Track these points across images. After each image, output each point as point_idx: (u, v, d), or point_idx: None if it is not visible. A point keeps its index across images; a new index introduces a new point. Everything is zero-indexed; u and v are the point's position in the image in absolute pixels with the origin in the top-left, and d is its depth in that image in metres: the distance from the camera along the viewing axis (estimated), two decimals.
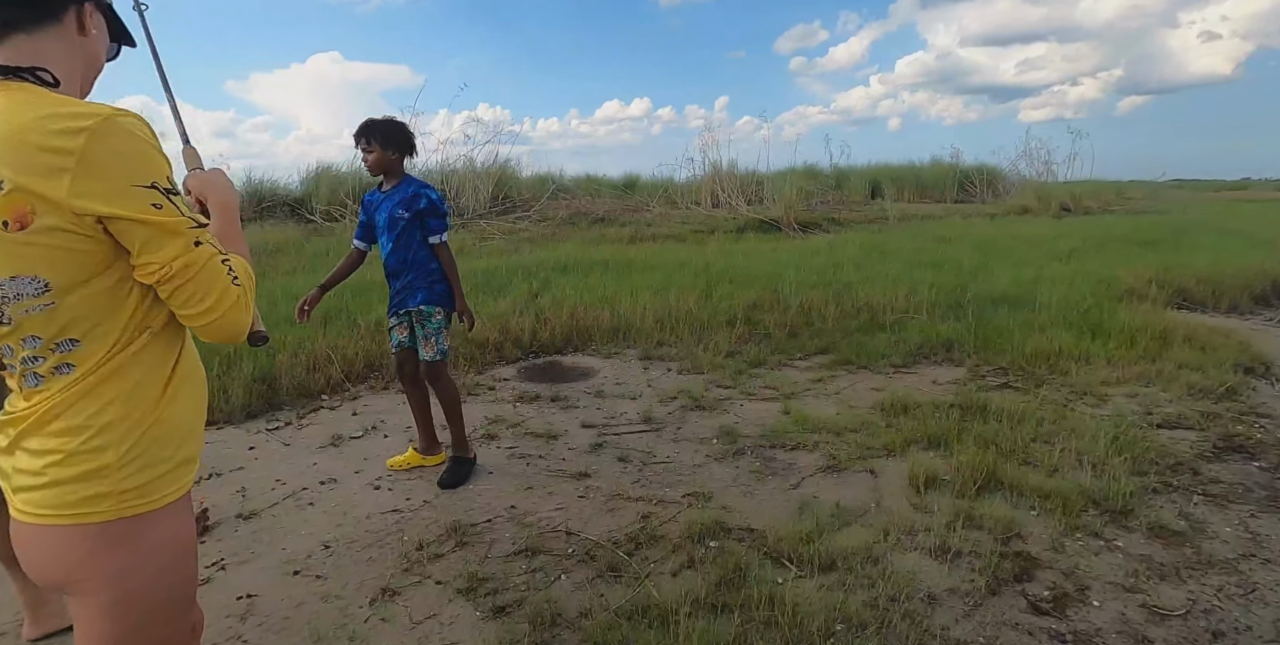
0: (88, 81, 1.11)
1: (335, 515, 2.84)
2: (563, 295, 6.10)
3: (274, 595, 2.33)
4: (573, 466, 3.17)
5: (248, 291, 1.08)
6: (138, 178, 0.95)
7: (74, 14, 1.03)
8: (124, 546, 1.05)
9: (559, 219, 10.76)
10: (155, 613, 1.10)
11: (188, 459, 1.13)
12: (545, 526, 2.65)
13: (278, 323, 5.29)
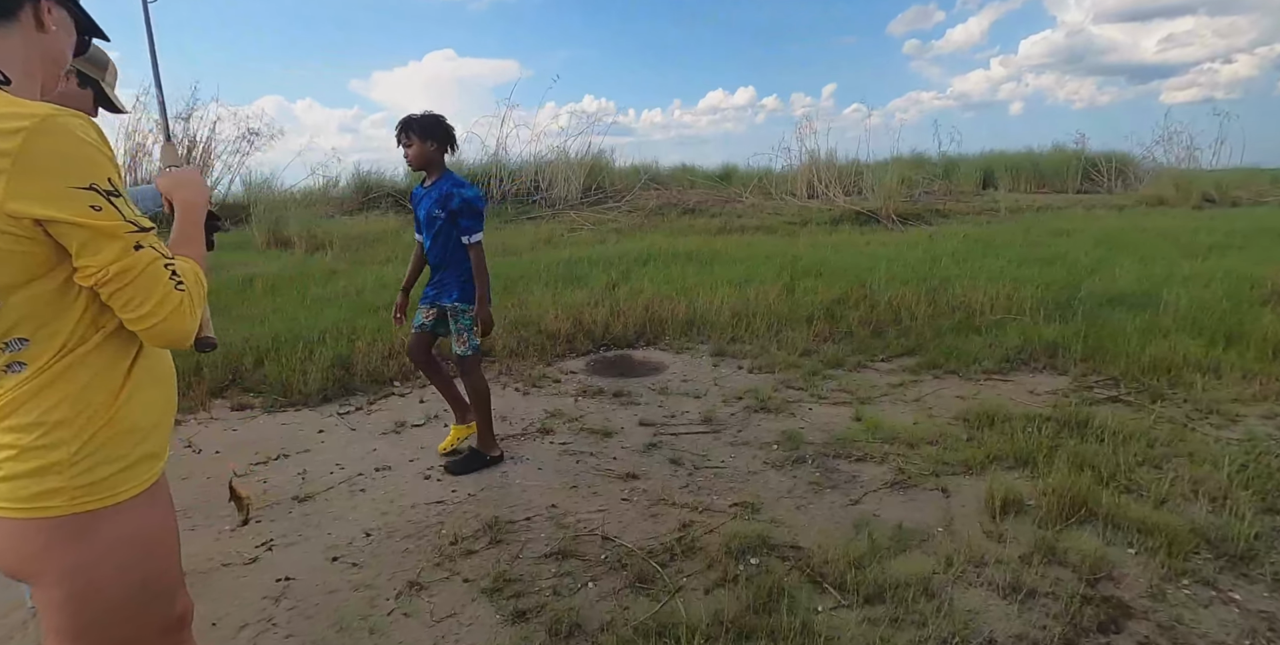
0: (51, 77, 1.10)
1: (383, 503, 2.87)
2: (640, 287, 6.00)
3: (311, 580, 2.36)
4: (622, 466, 3.06)
5: (193, 296, 1.04)
6: (76, 179, 0.92)
7: (30, 11, 1.02)
8: (80, 541, 1.04)
9: (649, 209, 10.68)
10: (116, 609, 1.09)
11: (149, 455, 1.11)
12: (582, 529, 2.56)
13: (363, 312, 5.50)
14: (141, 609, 1.13)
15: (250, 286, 6.42)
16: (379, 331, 4.85)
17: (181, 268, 1.04)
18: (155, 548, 1.13)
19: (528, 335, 4.91)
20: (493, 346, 4.75)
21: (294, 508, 2.88)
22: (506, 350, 4.72)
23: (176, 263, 1.04)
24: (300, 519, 2.79)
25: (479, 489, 2.94)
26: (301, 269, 7.11)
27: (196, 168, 1.26)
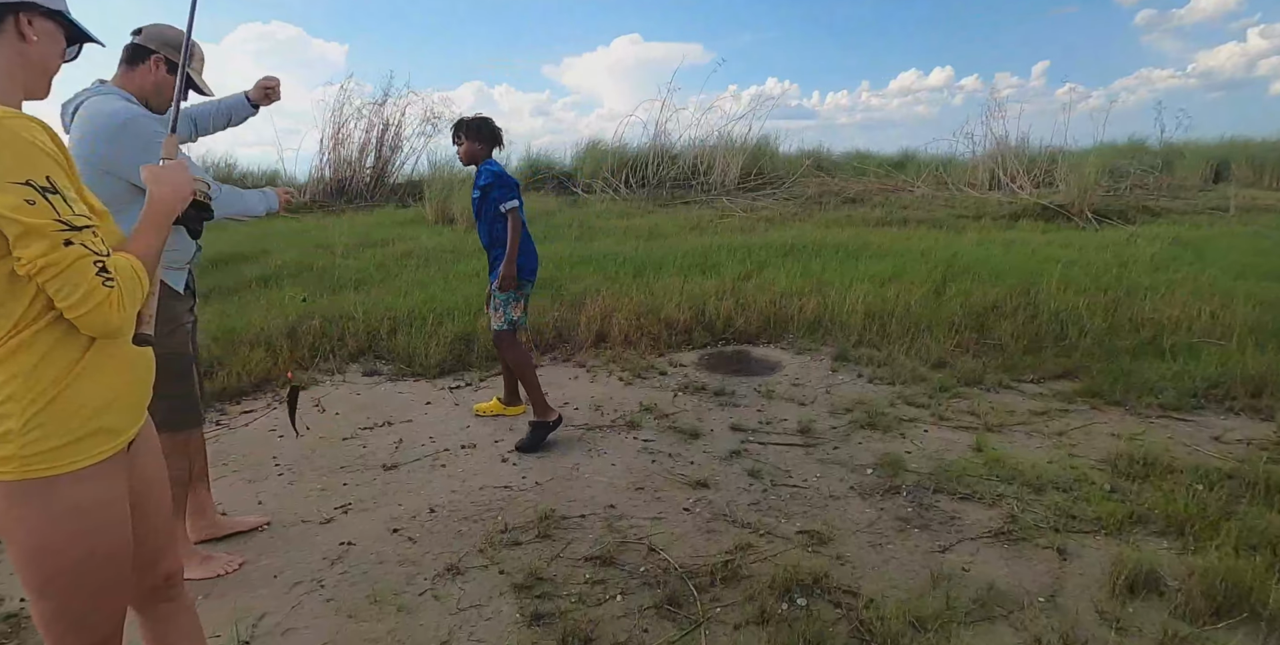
0: (37, 81, 1.16)
1: (455, 481, 2.93)
2: (773, 279, 5.69)
3: (367, 548, 2.45)
4: (696, 473, 2.89)
5: (124, 292, 1.07)
6: (14, 175, 0.97)
7: (12, 23, 1.09)
8: (31, 505, 1.10)
9: (806, 197, 10.14)
10: (70, 570, 1.15)
11: (101, 430, 1.14)
12: (632, 535, 2.43)
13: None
14: (96, 572, 1.18)
15: (407, 259, 6.92)
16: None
17: (116, 263, 1.07)
18: (106, 518, 1.17)
19: (646, 323, 4.82)
20: (608, 333, 4.73)
21: (379, 475, 3.03)
22: (621, 336, 4.67)
23: (112, 259, 1.07)
24: (381, 487, 2.92)
25: (547, 479, 2.91)
26: (456, 245, 7.54)
27: (181, 163, 1.27)
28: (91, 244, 1.04)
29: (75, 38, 1.20)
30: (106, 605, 1.22)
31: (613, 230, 8.36)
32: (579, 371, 4.29)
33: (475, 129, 3.18)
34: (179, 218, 1.29)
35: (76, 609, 1.19)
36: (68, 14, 1.16)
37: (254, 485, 2.99)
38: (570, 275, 6.02)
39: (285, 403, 2.63)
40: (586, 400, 3.78)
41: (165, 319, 2.11)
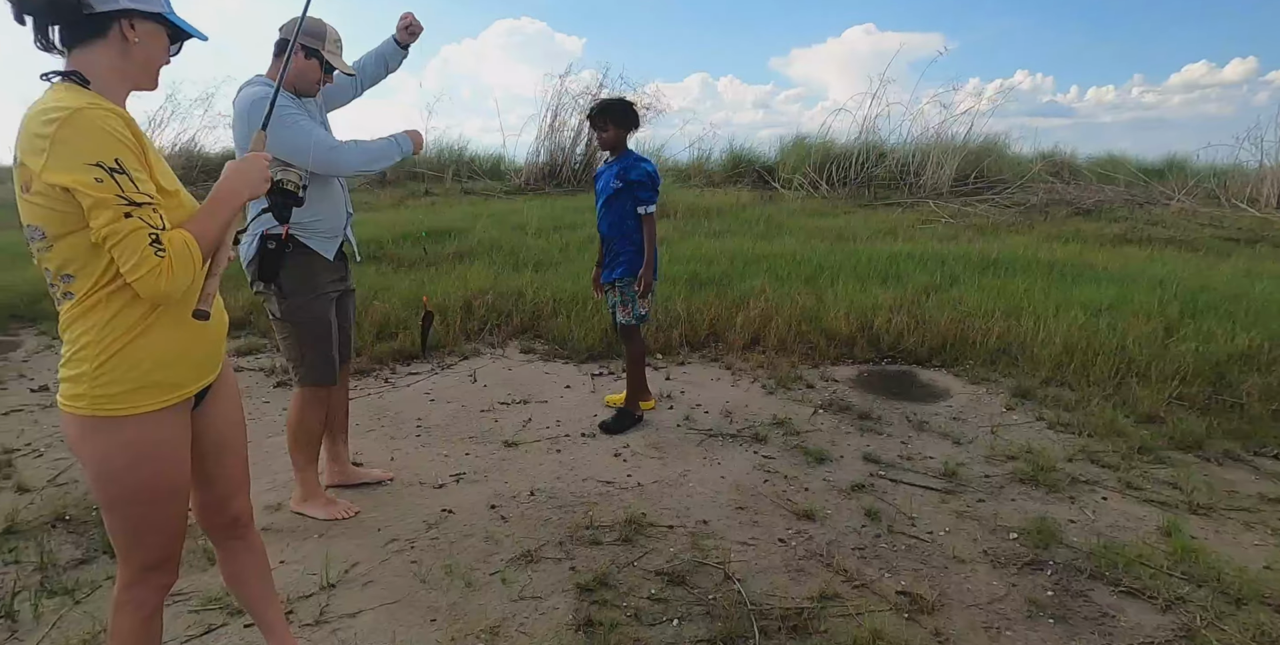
0: (142, 76, 1.30)
1: (564, 468, 2.95)
2: (960, 296, 5.08)
3: (463, 519, 2.55)
4: (807, 501, 2.64)
5: (174, 262, 1.17)
6: (88, 157, 1.10)
7: (116, 29, 1.22)
8: (98, 439, 1.25)
9: (1030, 205, 8.90)
10: (128, 497, 1.30)
11: (161, 383, 1.26)
12: (713, 558, 2.28)
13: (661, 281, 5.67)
14: (149, 502, 1.33)
15: (589, 244, 7.16)
16: (662, 303, 4.97)
17: (170, 237, 1.18)
18: (160, 459, 1.31)
19: (806, 331, 4.54)
20: (763, 337, 4.52)
21: (499, 451, 3.15)
22: (776, 342, 4.44)
23: (167, 233, 1.17)
24: (497, 462, 3.03)
25: (651, 481, 2.83)
26: None
27: (257, 157, 1.35)
28: (148, 218, 1.15)
29: (178, 35, 1.32)
30: (159, 531, 1.36)
31: (799, 229, 7.99)
32: (723, 374, 4.15)
33: (623, 115, 3.11)
34: (268, 204, 1.41)
35: (133, 528, 1.34)
36: (167, 15, 1.28)
37: (393, 442, 3.25)
38: (740, 273, 5.84)
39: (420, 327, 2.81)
40: (719, 405, 3.63)
41: (306, 287, 2.33)
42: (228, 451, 1.50)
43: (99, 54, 1.23)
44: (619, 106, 3.13)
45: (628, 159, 3.14)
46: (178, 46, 1.35)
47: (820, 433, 3.29)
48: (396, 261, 6.65)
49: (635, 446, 3.16)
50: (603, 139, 3.18)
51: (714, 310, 4.86)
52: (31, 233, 1.18)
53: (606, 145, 3.19)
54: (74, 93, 1.17)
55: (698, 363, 4.35)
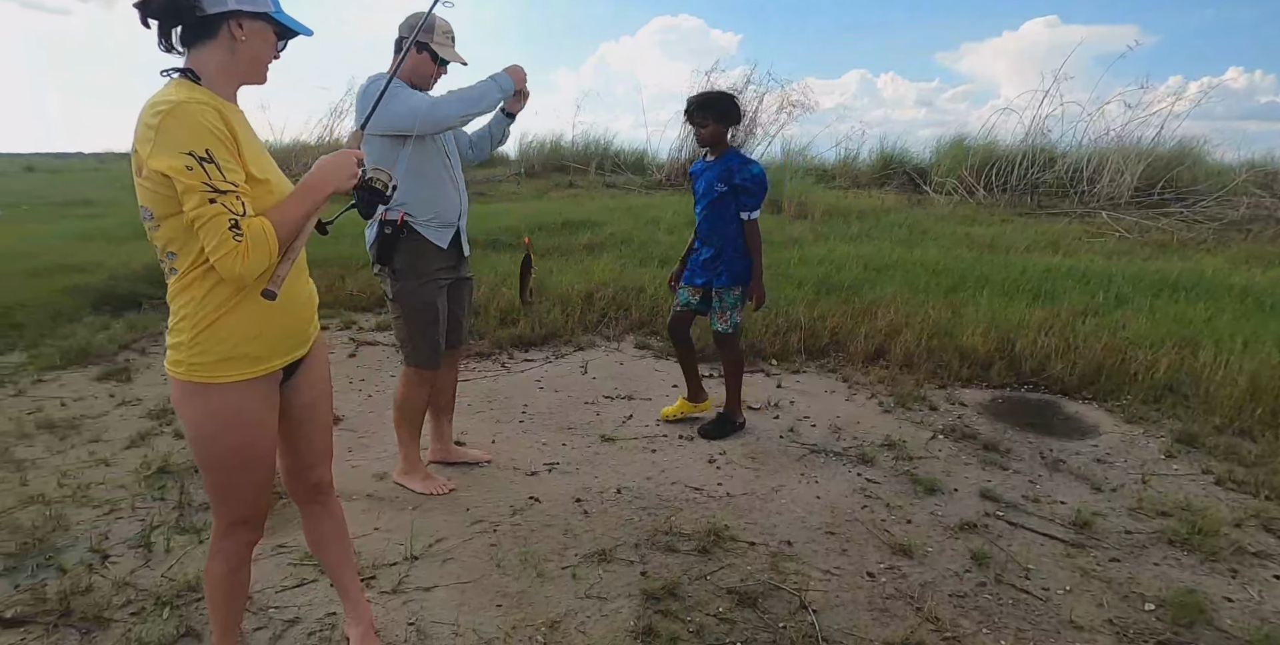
0: (251, 72, 1.39)
1: (655, 469, 2.92)
2: (1124, 321, 4.50)
3: (547, 509, 2.59)
4: (907, 536, 2.43)
5: (250, 246, 1.24)
6: (184, 146, 1.20)
7: (226, 29, 1.31)
8: (191, 402, 1.37)
9: (1228, 221, 7.69)
10: (215, 457, 1.42)
11: (247, 357, 1.36)
12: (791, 584, 2.15)
13: (784, 284, 5.48)
14: (233, 464, 1.43)
15: None
16: (784, 307, 4.80)
17: (249, 223, 1.25)
18: (244, 426, 1.41)
19: (937, 346, 4.21)
20: (888, 350, 4.24)
21: (595, 444, 3.17)
22: (902, 357, 4.15)
23: (246, 219, 1.24)
24: (591, 455, 3.05)
25: (741, 492, 2.73)
26: (770, 235, 7.46)
27: (347, 153, 1.42)
28: (230, 205, 1.23)
29: (285, 32, 1.40)
30: (244, 492, 1.47)
31: (946, 236, 7.45)
32: (839, 386, 3.94)
33: (725, 110, 2.93)
34: (355, 199, 1.47)
35: (222, 487, 1.46)
36: (274, 14, 1.36)
37: (497, 426, 3.36)
38: (872, 280, 5.53)
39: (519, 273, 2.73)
40: (829, 419, 3.44)
41: (416, 272, 2.44)
42: (313, 423, 1.59)
43: (210, 53, 1.33)
44: (721, 100, 2.95)
45: (732, 160, 2.97)
46: (284, 43, 1.43)
47: (935, 460, 3.03)
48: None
49: (732, 454, 3.07)
50: (701, 135, 2.98)
51: (838, 318, 4.63)
52: (143, 213, 1.30)
53: (705, 142, 3.00)
54: (183, 88, 1.27)
55: (814, 372, 4.16)
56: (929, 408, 3.60)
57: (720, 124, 2.93)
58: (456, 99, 2.30)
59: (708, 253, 3.09)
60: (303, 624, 1.94)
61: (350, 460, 3.00)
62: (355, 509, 2.57)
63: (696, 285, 3.16)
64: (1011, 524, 2.53)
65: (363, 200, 1.48)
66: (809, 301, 4.97)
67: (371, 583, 2.12)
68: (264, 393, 1.42)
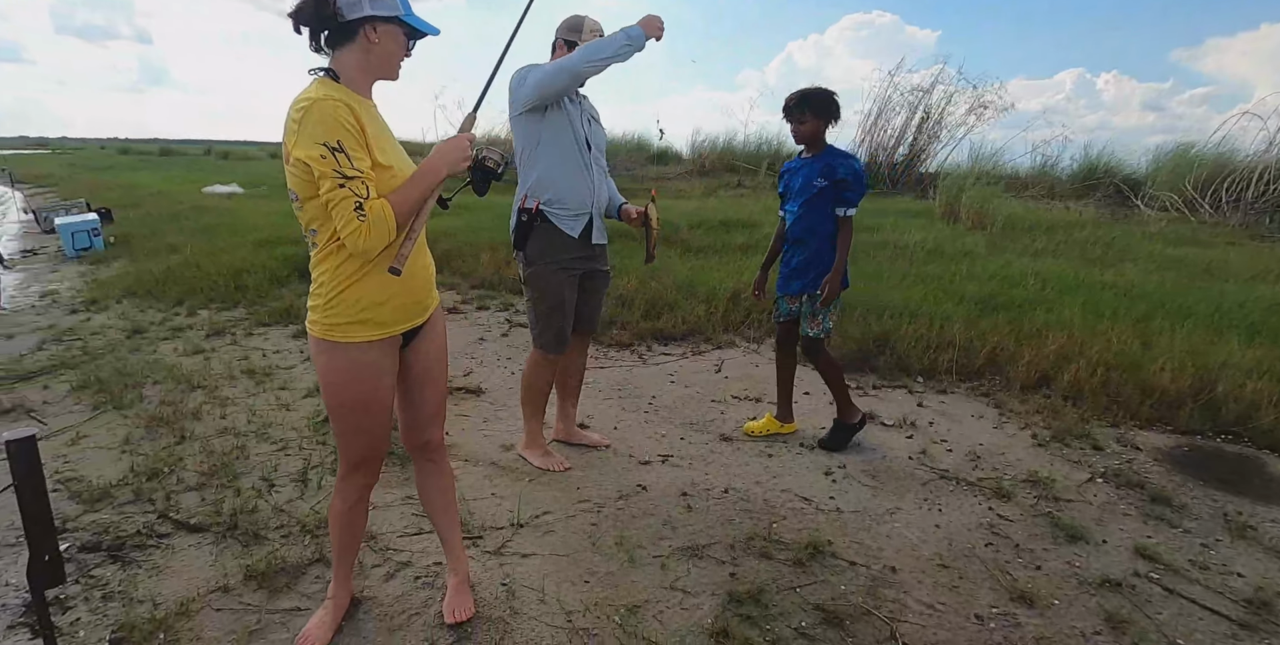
0: (384, 69, 1.57)
1: (767, 474, 2.88)
2: None
3: (652, 498, 2.65)
4: (1032, 583, 2.20)
5: (371, 225, 1.41)
6: (319, 138, 1.38)
7: (363, 33, 1.48)
8: (324, 355, 1.58)
9: None
10: (340, 406, 1.63)
11: (370, 321, 1.56)
12: (885, 612, 2.03)
13: (949, 298, 5.12)
14: (353, 412, 1.63)
15: (879, 250, 6.74)
16: (940, 320, 4.50)
17: (372, 205, 1.41)
18: (364, 380, 1.60)
19: (1114, 380, 3.74)
20: (1054, 378, 3.84)
21: (713, 442, 3.18)
22: (1068, 385, 3.73)
23: (369, 201, 1.41)
24: (706, 452, 3.07)
25: (853, 510, 2.61)
26: (940, 244, 6.97)
27: (462, 137, 1.55)
28: (356, 189, 1.39)
29: (415, 33, 1.55)
30: (362, 438, 1.66)
31: (1149, 257, 6.54)
32: (988, 412, 3.63)
33: (824, 106, 2.82)
34: (470, 179, 1.60)
35: (344, 433, 1.66)
36: (404, 17, 1.50)
37: (622, 414, 3.47)
38: (1047, 300, 5.01)
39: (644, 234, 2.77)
40: (968, 446, 3.19)
41: (547, 258, 2.57)
42: (428, 386, 1.76)
43: (348, 54, 1.51)
44: (820, 95, 2.85)
45: (832, 155, 2.86)
46: (414, 42, 1.58)
47: (1087, 506, 2.70)
48: (684, 247, 6.99)
49: (852, 469, 2.94)
50: (799, 132, 2.88)
51: (999, 338, 4.25)
52: (291, 195, 1.50)
53: (803, 138, 2.90)
54: (322, 86, 1.45)
55: (962, 395, 3.86)
56: (1092, 446, 3.22)
57: (818, 118, 2.84)
58: (584, 51, 2.33)
59: (800, 256, 2.98)
60: (413, 568, 2.14)
61: (484, 430, 3.24)
62: (478, 473, 2.79)
63: (793, 294, 3.05)
64: (1167, 590, 2.20)
65: (476, 179, 1.61)
66: (969, 319, 4.60)
67: (478, 542, 2.29)
68: (383, 353, 1.59)
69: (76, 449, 2.96)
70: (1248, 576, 2.28)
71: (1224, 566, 2.34)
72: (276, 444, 2.97)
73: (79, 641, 1.83)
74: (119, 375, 3.79)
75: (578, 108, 2.54)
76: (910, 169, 12.17)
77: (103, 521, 2.40)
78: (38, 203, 13.69)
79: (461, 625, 1.88)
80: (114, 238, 8.42)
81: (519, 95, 2.04)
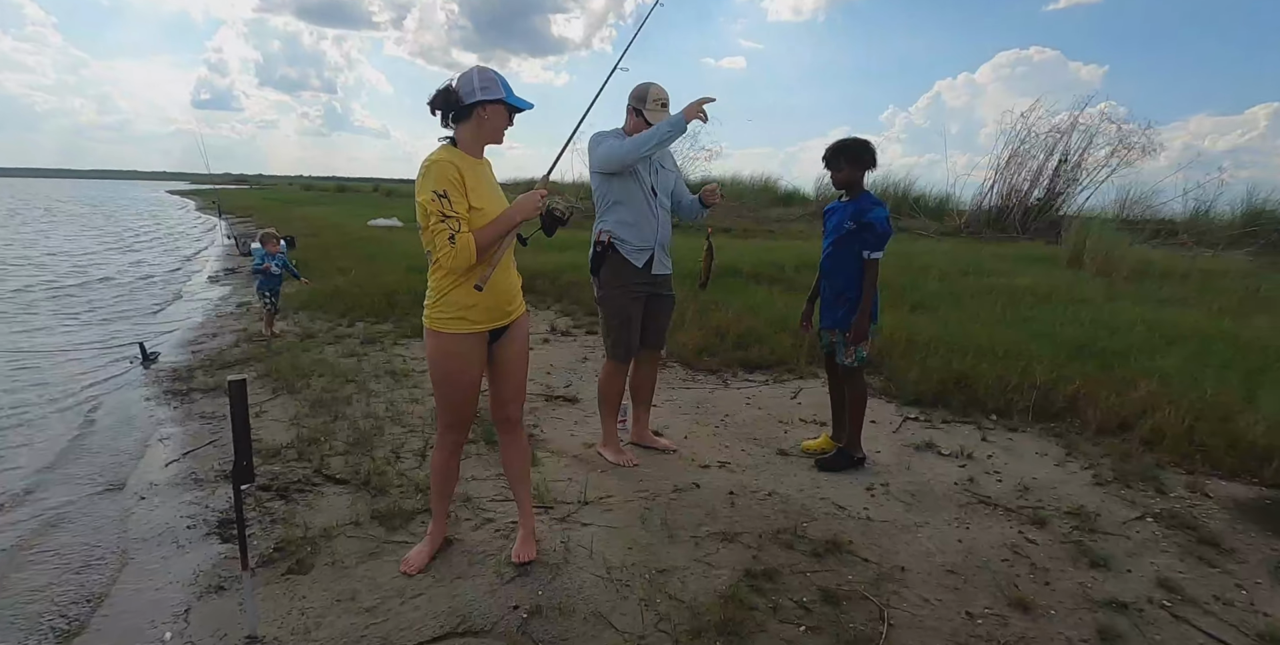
0: (492, 138, 2.15)
1: (812, 484, 3.17)
2: None
3: (703, 494, 3.04)
4: (1034, 594, 2.37)
5: (459, 252, 1.99)
6: (432, 187, 1.98)
7: (477, 112, 2.07)
8: (431, 341, 2.18)
9: None
10: (437, 381, 2.22)
11: (462, 319, 2.14)
12: (881, 599, 2.30)
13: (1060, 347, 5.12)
14: (446, 386, 2.20)
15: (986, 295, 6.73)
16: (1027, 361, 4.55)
17: (460, 237, 1.98)
18: (449, 362, 2.17)
19: (1203, 431, 3.66)
20: (1134, 424, 3.82)
21: (771, 456, 3.52)
22: (1150, 431, 3.71)
23: (459, 234, 1.97)
24: (761, 462, 3.42)
25: (882, 520, 2.86)
26: (1054, 289, 6.84)
27: (535, 193, 2.12)
28: (451, 224, 1.97)
29: (515, 109, 2.12)
30: (452, 404, 2.24)
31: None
32: (1055, 451, 3.67)
33: (858, 155, 3.12)
34: (541, 223, 2.15)
35: (440, 400, 2.25)
36: (507, 99, 2.07)
37: (694, 427, 3.88)
38: (1152, 348, 4.89)
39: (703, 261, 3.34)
40: (1019, 479, 3.30)
41: (615, 283, 3.09)
42: (509, 374, 2.30)
43: (466, 128, 2.11)
44: (855, 146, 3.13)
45: (865, 201, 3.15)
46: (515, 115, 2.15)
47: (1124, 540, 2.78)
48: (786, 285, 7.31)
49: (894, 487, 3.17)
50: (837, 178, 3.20)
51: (1083, 383, 4.25)
52: (418, 226, 2.09)
53: (841, 185, 3.22)
54: (443, 151, 2.06)
55: (1033, 434, 3.93)
56: (1155, 489, 3.24)
57: (854, 167, 3.14)
58: (633, 140, 2.92)
59: (830, 290, 3.27)
60: (495, 523, 2.68)
61: (572, 430, 3.77)
62: (560, 462, 3.31)
63: (827, 327, 3.32)
64: (1175, 617, 2.30)
65: (545, 223, 2.16)
66: (1056, 361, 4.62)
67: (549, 510, 2.79)
68: (471, 344, 2.16)
69: (259, 420, 3.79)
70: (1274, 615, 2.32)
71: (1250, 605, 2.38)
72: (405, 427, 3.66)
73: (254, 547, 2.50)
74: (293, 369, 4.70)
75: (646, 161, 3.06)
76: (1044, 213, 11.74)
77: (274, 471, 3.14)
78: (238, 230, 16.32)
79: (524, 565, 2.38)
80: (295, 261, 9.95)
81: (590, 159, 2.61)
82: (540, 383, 4.59)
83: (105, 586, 2.39)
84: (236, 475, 1.93)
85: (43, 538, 2.75)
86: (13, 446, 3.72)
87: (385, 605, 2.19)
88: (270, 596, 2.24)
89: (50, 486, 3.22)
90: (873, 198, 3.21)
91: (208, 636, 2.08)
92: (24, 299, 8.38)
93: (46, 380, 4.96)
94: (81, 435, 3.88)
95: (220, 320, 6.93)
